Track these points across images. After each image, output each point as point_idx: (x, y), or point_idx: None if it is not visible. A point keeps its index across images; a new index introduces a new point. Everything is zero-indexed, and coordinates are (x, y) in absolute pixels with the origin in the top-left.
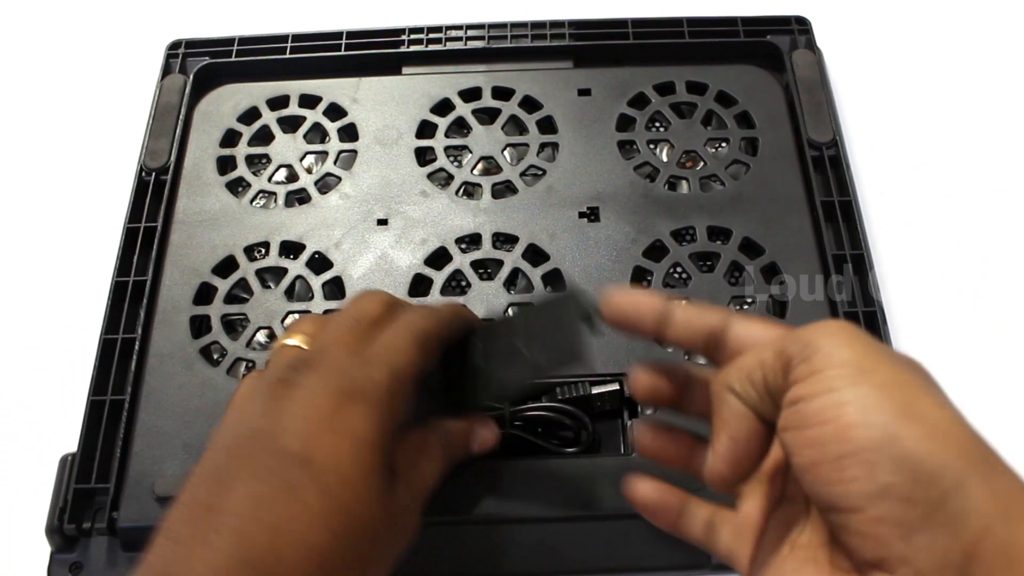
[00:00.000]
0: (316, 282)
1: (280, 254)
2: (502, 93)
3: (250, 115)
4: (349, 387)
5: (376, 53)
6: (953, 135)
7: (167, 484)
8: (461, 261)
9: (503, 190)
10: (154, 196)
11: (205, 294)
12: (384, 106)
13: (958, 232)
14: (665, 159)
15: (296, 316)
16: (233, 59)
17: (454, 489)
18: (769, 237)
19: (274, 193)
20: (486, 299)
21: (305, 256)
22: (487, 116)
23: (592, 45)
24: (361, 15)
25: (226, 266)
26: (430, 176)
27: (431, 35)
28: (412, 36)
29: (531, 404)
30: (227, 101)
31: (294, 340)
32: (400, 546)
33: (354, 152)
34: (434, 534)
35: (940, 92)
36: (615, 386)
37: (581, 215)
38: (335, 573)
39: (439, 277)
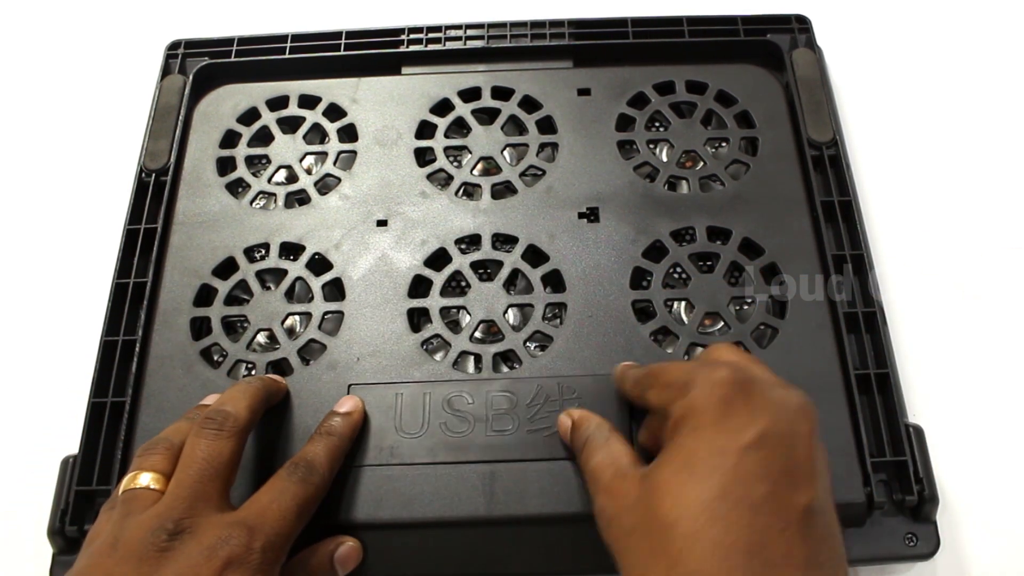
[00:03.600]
0: (316, 283)
1: (280, 255)
2: (501, 93)
3: (250, 116)
4: (228, 558)
5: (375, 53)
6: (953, 134)
7: None
8: (461, 262)
9: (503, 190)
10: (154, 197)
11: (205, 296)
12: (383, 106)
13: (958, 232)
14: (665, 159)
15: (296, 317)
16: (232, 59)
17: (454, 490)
18: (769, 237)
19: (274, 194)
20: (486, 300)
21: (305, 257)
22: (487, 116)
23: (591, 44)
24: (360, 15)
25: (226, 267)
26: (430, 177)
27: (430, 35)
28: (411, 36)
29: None
30: (226, 102)
31: (147, 480)
32: None
33: (353, 153)
34: (435, 535)
35: (940, 91)
36: None
37: (581, 215)
38: None
39: (439, 278)
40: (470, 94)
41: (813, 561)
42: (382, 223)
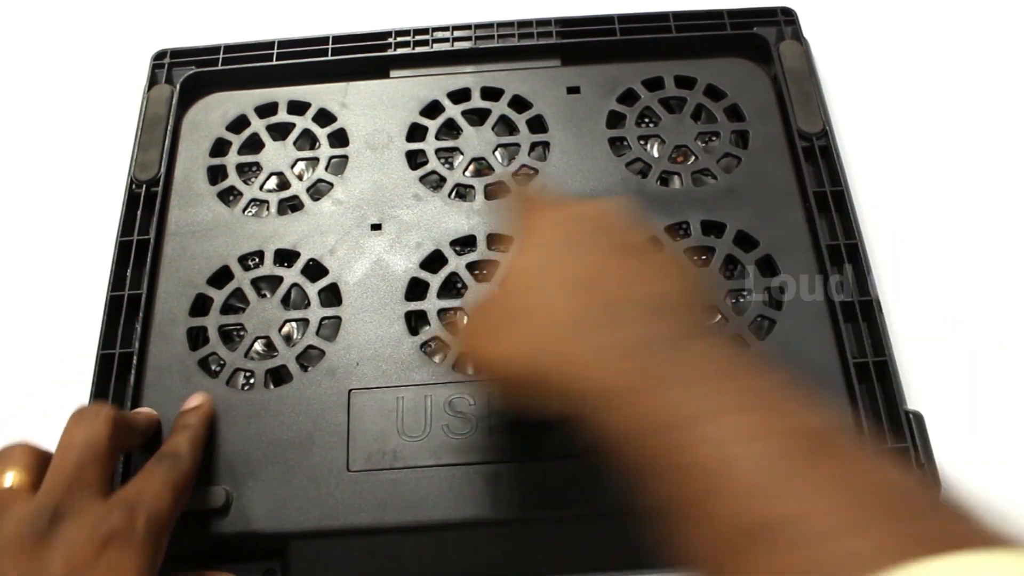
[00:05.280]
0: (312, 289)
1: (275, 262)
2: (491, 93)
3: (239, 123)
4: (110, 532)
5: (363, 57)
6: (940, 122)
7: None
8: (457, 263)
9: (496, 191)
10: (146, 208)
11: (201, 305)
12: (373, 110)
13: (944, 220)
14: (656, 155)
15: (294, 324)
16: (219, 67)
17: (458, 492)
18: (763, 229)
19: (266, 201)
20: None
21: (300, 264)
22: (477, 117)
23: (579, 42)
24: (347, 19)
25: (221, 276)
26: (422, 179)
27: (418, 37)
28: (399, 39)
29: None
30: (215, 110)
31: (10, 479)
32: None
33: (345, 157)
34: (441, 538)
35: (927, 79)
36: None
37: None
38: None
39: (435, 280)
40: (459, 95)
41: (638, 276)
42: (376, 227)
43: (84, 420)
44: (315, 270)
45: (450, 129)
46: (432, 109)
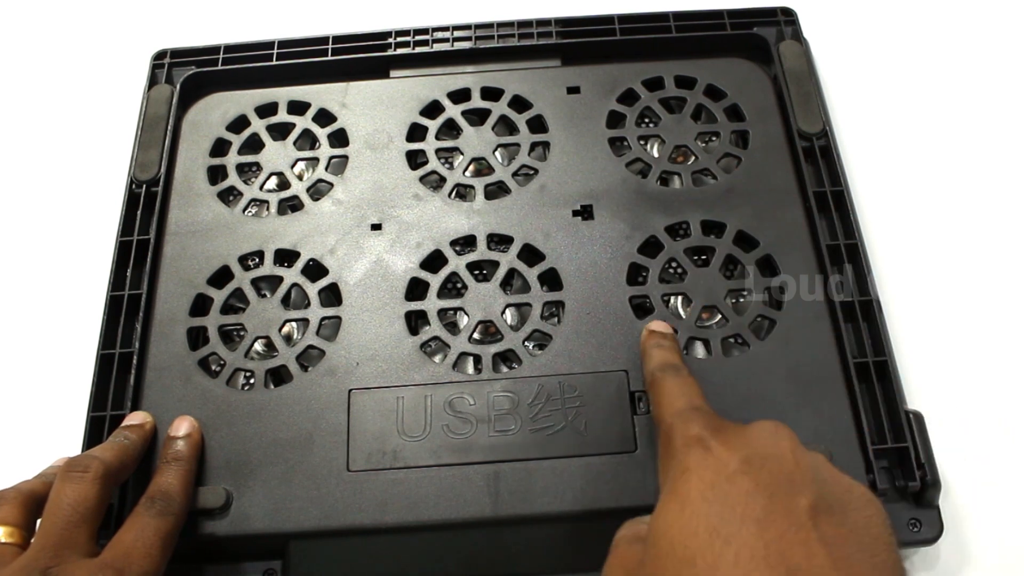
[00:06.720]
0: (312, 289)
1: (275, 262)
2: (491, 93)
3: (239, 123)
4: None
5: (363, 57)
6: (941, 121)
7: None
8: (457, 263)
9: (496, 191)
10: (146, 208)
11: (201, 305)
12: (373, 110)
13: (949, 218)
14: (656, 155)
15: (294, 324)
16: (219, 67)
17: (459, 492)
18: (763, 229)
19: (266, 201)
20: (483, 300)
21: (300, 264)
22: (477, 117)
23: (579, 42)
24: (347, 19)
25: (221, 276)
26: (422, 179)
27: (418, 37)
28: (399, 39)
29: None
30: (215, 110)
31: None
32: None
33: (345, 157)
34: (441, 537)
35: (927, 78)
36: None
37: (575, 213)
38: None
39: (435, 280)
40: (459, 95)
41: (838, 556)
42: (376, 227)
43: (73, 479)
44: (315, 270)
45: (450, 129)
46: (432, 109)
